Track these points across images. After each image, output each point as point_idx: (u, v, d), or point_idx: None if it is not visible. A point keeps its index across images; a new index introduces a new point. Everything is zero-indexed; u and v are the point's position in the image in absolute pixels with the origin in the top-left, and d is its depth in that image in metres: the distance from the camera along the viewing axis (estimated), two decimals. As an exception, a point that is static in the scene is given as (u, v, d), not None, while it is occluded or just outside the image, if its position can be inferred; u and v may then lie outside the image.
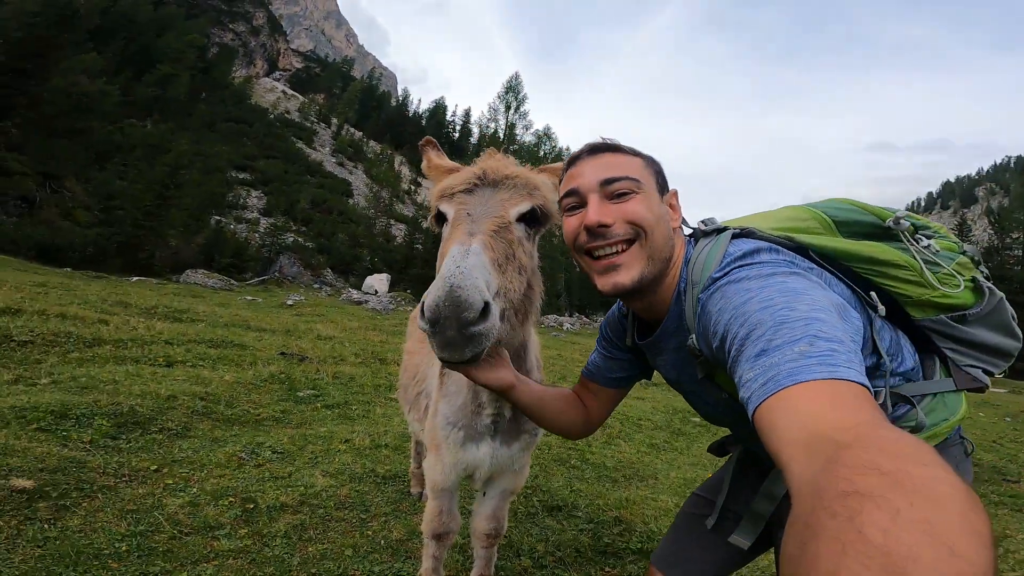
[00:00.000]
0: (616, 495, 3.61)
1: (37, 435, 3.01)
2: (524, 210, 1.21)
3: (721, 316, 0.90)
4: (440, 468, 1.66)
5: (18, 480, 2.43)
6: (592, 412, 1.42)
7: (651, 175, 1.17)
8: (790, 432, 0.63)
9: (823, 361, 0.70)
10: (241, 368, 5.63)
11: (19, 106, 24.92)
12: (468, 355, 0.99)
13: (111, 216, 24.48)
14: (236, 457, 3.27)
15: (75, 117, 27.58)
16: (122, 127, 33.90)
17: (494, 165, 1.28)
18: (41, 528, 2.19)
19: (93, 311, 7.13)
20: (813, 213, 1.14)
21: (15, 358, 4.60)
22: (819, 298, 0.84)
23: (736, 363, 0.80)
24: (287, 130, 59.71)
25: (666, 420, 6.38)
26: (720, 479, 1.45)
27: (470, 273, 0.97)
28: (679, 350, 1.17)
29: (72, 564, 2.00)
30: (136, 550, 2.16)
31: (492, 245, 1.09)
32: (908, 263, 1.07)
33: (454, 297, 0.93)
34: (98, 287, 11.57)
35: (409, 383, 2.25)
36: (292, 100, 79.80)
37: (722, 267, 1.01)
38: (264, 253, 30.30)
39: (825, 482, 0.49)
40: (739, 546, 1.26)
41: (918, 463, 0.47)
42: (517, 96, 44.97)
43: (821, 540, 0.44)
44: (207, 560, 2.18)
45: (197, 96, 49.48)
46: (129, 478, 2.76)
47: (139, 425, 3.46)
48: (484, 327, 0.96)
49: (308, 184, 45.91)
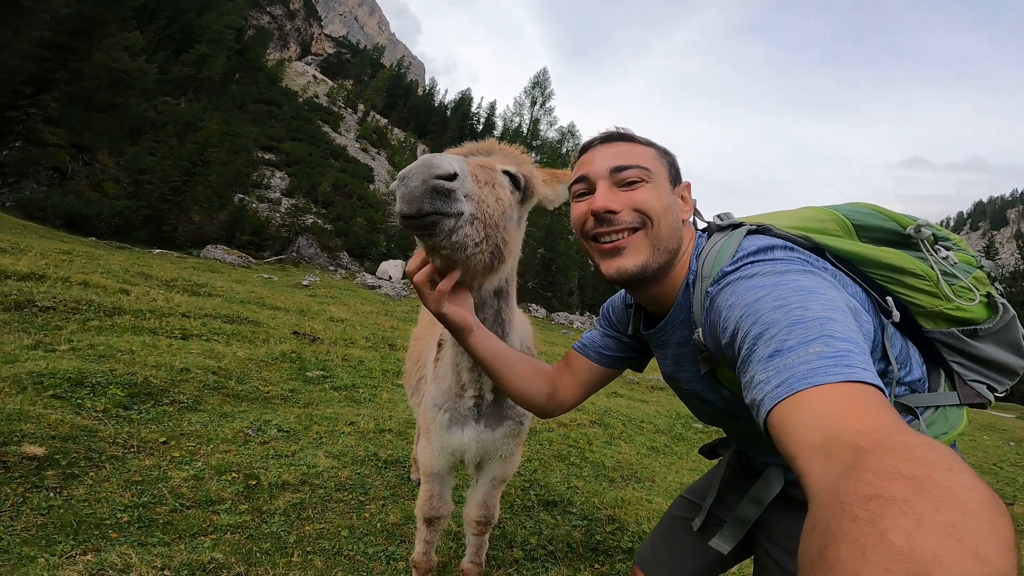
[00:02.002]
0: (612, 494, 3.62)
1: (52, 402, 3.09)
2: (510, 169, 1.26)
3: (732, 312, 0.87)
4: (429, 452, 1.71)
5: (30, 447, 2.49)
6: (563, 388, 1.37)
7: (663, 165, 1.16)
8: (807, 436, 0.62)
9: (839, 362, 0.68)
10: (254, 345, 5.73)
11: (60, 80, 25.66)
12: (429, 207, 1.00)
13: (139, 189, 25.13)
14: (243, 433, 3.33)
15: (113, 93, 28.40)
16: (156, 104, 34.71)
17: (493, 142, 1.40)
18: (47, 496, 2.24)
19: (115, 281, 7.31)
20: (832, 215, 1.13)
21: (36, 323, 4.73)
22: (834, 298, 0.82)
23: (747, 362, 0.78)
24: (315, 114, 60.09)
25: (668, 424, 6.37)
26: (708, 482, 1.43)
27: (445, 157, 1.05)
28: (682, 344, 1.16)
29: (73, 533, 2.04)
30: (137, 521, 2.21)
31: (474, 165, 1.16)
32: (925, 272, 1.05)
33: (425, 159, 1.01)
34: (121, 257, 11.84)
35: (412, 368, 2.28)
36: (322, 85, 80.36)
37: (734, 261, 0.99)
38: (283, 233, 30.68)
39: (847, 487, 0.48)
40: (719, 550, 1.24)
41: (943, 468, 0.46)
42: (544, 91, 44.69)
43: (841, 543, 0.43)
44: (205, 534, 2.22)
45: (231, 77, 50.13)
46: (137, 449, 2.83)
47: (152, 396, 3.54)
48: (450, 185, 1.01)
49: (331, 167, 46.23)
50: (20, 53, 24.20)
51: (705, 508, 1.37)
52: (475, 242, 1.11)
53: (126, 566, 1.84)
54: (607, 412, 6.15)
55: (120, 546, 2.00)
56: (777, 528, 1.19)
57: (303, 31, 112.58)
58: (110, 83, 27.78)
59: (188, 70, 41.91)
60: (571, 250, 36.77)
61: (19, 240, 9.92)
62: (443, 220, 1.03)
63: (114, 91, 28.42)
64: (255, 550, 2.17)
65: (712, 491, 1.37)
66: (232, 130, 37.37)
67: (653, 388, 9.51)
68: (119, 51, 28.81)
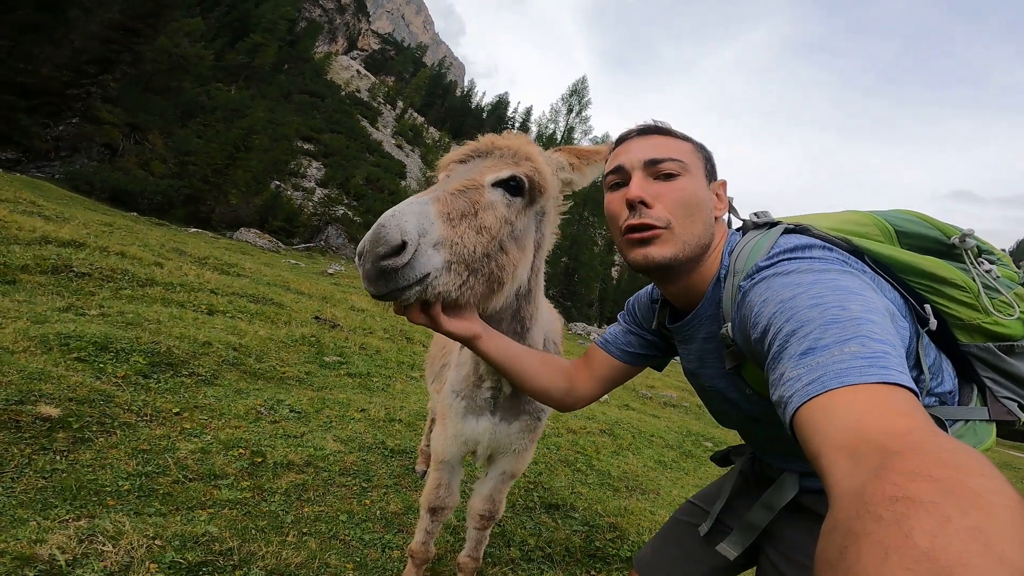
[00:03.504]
0: (615, 503, 3.57)
1: (75, 364, 3.17)
2: (502, 176, 1.18)
3: (765, 308, 0.85)
4: (443, 438, 1.69)
5: (46, 407, 2.53)
6: (581, 383, 1.37)
7: (699, 160, 1.15)
8: (834, 436, 0.60)
9: (875, 363, 0.66)
10: (276, 326, 5.83)
11: (122, 62, 26.72)
12: (384, 290, 1.00)
13: (184, 170, 26.01)
14: (255, 410, 3.37)
15: (170, 76, 29.62)
16: (209, 89, 35.93)
17: (493, 138, 1.29)
18: (52, 459, 2.24)
19: (151, 254, 7.55)
20: (875, 220, 1.10)
21: (71, 288, 4.90)
22: (872, 299, 0.80)
23: (777, 359, 0.76)
24: (355, 108, 61.17)
25: (678, 440, 6.30)
26: (719, 487, 1.40)
27: (400, 214, 1.00)
28: (708, 339, 1.14)
29: (71, 498, 2.04)
30: (137, 490, 2.21)
31: (446, 200, 1.08)
32: (966, 284, 1.02)
33: (375, 232, 0.97)
34: (159, 233, 12.25)
35: (437, 355, 2.28)
36: (364, 80, 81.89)
37: (769, 257, 0.97)
38: (314, 221, 31.27)
39: (872, 488, 0.47)
40: (726, 556, 1.22)
41: (974, 473, 0.45)
42: (581, 100, 44.51)
43: (863, 544, 0.42)
44: (203, 507, 2.23)
45: (280, 67, 51.57)
46: (150, 418, 2.87)
47: (172, 367, 3.62)
48: (395, 263, 0.97)
49: (365, 161, 46.95)
50: (89, 34, 25.23)
51: (714, 513, 1.34)
52: (458, 285, 1.08)
53: (117, 533, 1.83)
54: (617, 423, 6.08)
55: (115, 513, 1.98)
56: (784, 538, 1.17)
57: (352, 26, 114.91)
58: (169, 67, 28.98)
59: (242, 58, 43.31)
60: (594, 261, 36.49)
61: (64, 210, 10.33)
62: (408, 291, 1.02)
63: (171, 75, 29.63)
64: (251, 527, 2.17)
65: (722, 497, 1.34)
66: (276, 119, 38.33)
67: (665, 404, 9.41)
68: (181, 36, 30.04)
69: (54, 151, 24.10)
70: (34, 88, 22.67)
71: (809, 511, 1.14)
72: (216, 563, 1.88)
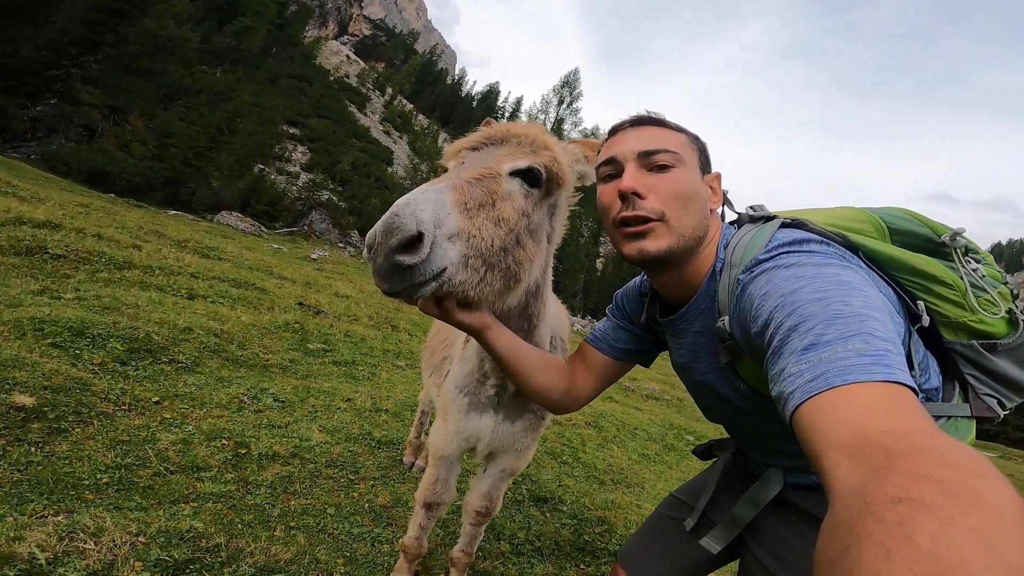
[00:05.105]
0: (602, 496, 3.58)
1: (50, 351, 3.04)
2: (521, 166, 1.13)
3: (766, 301, 0.85)
4: (444, 434, 1.65)
5: (20, 396, 2.42)
6: (579, 382, 1.35)
7: (694, 152, 1.14)
8: (836, 434, 0.60)
9: (879, 361, 0.66)
10: (258, 311, 5.71)
11: (105, 44, 25.87)
12: (397, 287, 0.93)
13: (164, 152, 25.37)
14: (238, 399, 3.28)
15: (154, 59, 28.87)
16: (193, 72, 35.07)
17: (508, 125, 1.24)
18: (27, 451, 2.14)
19: (128, 236, 7.32)
20: (869, 216, 1.11)
21: (45, 270, 4.72)
22: (873, 296, 0.81)
23: (778, 354, 0.75)
24: (343, 93, 60.05)
25: (661, 433, 6.39)
26: (702, 482, 1.41)
27: (416, 202, 0.92)
28: (702, 333, 1.14)
29: (48, 492, 1.94)
30: (117, 483, 2.11)
31: (463, 189, 1.01)
32: (954, 282, 1.04)
33: (387, 221, 0.90)
34: (137, 215, 11.90)
35: (437, 346, 2.20)
36: (354, 65, 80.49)
37: (768, 250, 0.97)
38: (298, 206, 30.78)
39: (874, 488, 0.47)
40: (709, 550, 1.23)
41: (976, 475, 0.45)
42: (572, 92, 44.46)
43: (865, 544, 0.42)
44: (186, 501, 2.14)
45: (268, 51, 50.47)
46: (129, 407, 2.76)
47: (151, 353, 3.50)
48: (412, 259, 0.90)
49: (352, 147, 46.30)
50: (71, 15, 24.40)
51: (699, 508, 1.35)
52: (475, 282, 1.03)
53: (99, 529, 1.75)
54: (602, 415, 6.13)
55: (95, 508, 1.89)
56: (767, 532, 1.19)
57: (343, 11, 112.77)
58: (153, 49, 28.15)
59: (229, 41, 42.36)
60: (579, 253, 36.61)
61: (40, 190, 9.99)
62: (423, 288, 0.96)
63: (155, 57, 28.82)
64: (237, 521, 2.10)
65: (707, 491, 1.35)
66: (261, 102, 37.54)
67: (648, 397, 9.55)
68: (167, 18, 29.18)
69: (31, 132, 23.30)
70: (12, 69, 21.95)
71: (793, 506, 1.15)
72: (203, 560, 1.81)
